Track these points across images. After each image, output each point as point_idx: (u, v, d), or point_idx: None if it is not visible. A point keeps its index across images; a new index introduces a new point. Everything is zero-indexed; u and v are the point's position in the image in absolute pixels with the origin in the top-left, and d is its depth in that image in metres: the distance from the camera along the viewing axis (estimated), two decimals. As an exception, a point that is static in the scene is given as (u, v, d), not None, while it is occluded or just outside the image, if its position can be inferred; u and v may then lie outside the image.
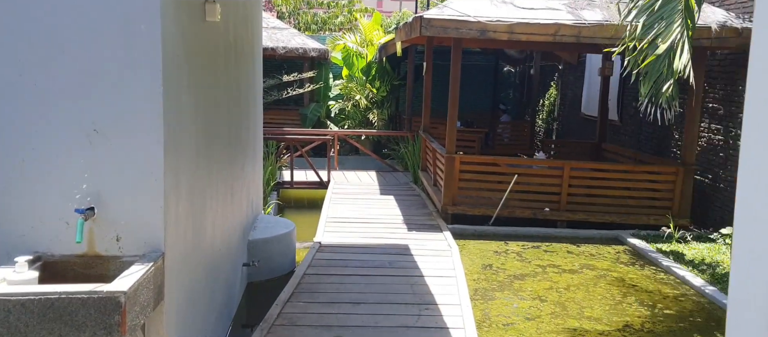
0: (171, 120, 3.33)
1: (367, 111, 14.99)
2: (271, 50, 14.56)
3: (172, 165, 3.35)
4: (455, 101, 8.39)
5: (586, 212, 8.28)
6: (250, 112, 6.51)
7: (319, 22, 19.14)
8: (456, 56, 8.28)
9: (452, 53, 8.30)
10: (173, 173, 3.39)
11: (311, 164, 11.81)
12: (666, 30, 5.55)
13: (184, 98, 3.67)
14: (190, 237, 3.81)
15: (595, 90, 12.26)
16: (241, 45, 5.81)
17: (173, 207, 3.39)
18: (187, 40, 3.75)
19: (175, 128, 3.42)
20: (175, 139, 3.45)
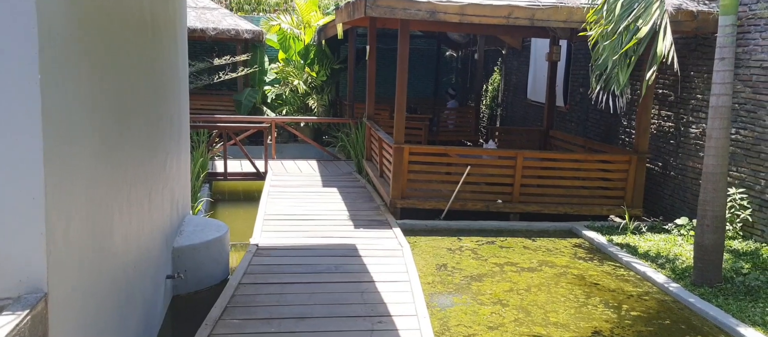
0: (55, 117, 2.51)
1: (306, 97, 14.15)
2: (200, 31, 13.45)
3: (57, 177, 2.53)
4: (403, 87, 7.75)
5: (539, 203, 7.87)
6: (173, 99, 5.64)
7: (253, 2, 18.01)
8: (403, 39, 7.62)
9: (399, 36, 7.64)
10: (60, 186, 2.58)
11: (246, 154, 10.92)
12: (645, 12, 5.08)
13: (76, 87, 2.84)
14: (88, 264, 3.00)
15: (541, 75, 11.93)
16: (158, 22, 4.93)
17: (61, 231, 2.58)
18: (80, 13, 2.90)
19: (61, 127, 2.60)
20: (63, 143, 2.62)
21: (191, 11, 14.09)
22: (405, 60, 7.67)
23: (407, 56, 7.69)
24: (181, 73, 6.15)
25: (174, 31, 5.75)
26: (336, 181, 10.14)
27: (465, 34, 13.76)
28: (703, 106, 7.50)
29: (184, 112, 6.27)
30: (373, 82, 10.11)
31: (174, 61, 5.74)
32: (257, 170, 10.90)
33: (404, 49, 7.65)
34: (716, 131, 5.53)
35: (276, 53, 15.04)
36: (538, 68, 12.09)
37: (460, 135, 13.69)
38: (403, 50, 7.65)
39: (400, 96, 7.76)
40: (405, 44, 7.65)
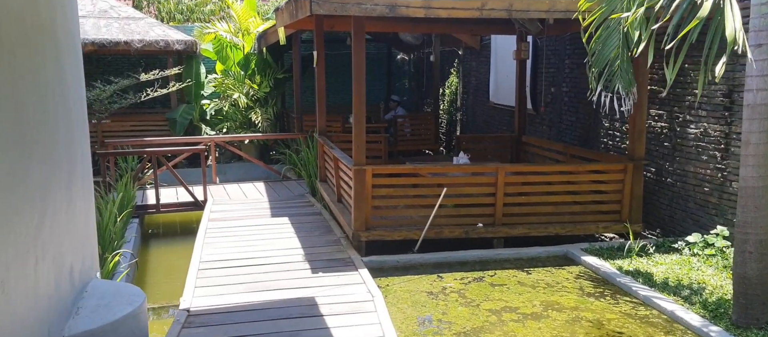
0: None
1: (249, 110, 12.53)
2: (124, 44, 11.66)
3: None
4: (361, 99, 6.33)
5: (525, 224, 6.60)
6: (55, 132, 4.03)
7: (186, 12, 16.19)
8: (358, 41, 6.21)
9: (353, 37, 6.22)
10: None
11: (181, 181, 9.24)
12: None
13: None
14: None
15: (504, 76, 10.76)
16: (21, 33, 3.34)
17: None
18: None
19: None
20: None
21: (113, 22, 12.26)
22: (361, 66, 6.26)
23: (364, 61, 6.27)
24: (71, 98, 4.53)
25: (54, 45, 4.14)
26: (287, 207, 8.61)
27: (418, 35, 12.48)
28: (703, 103, 6.42)
29: (77, 147, 4.65)
30: (322, 93, 8.64)
31: (56, 83, 4.13)
32: (195, 199, 9.25)
33: (360, 52, 6.23)
34: (755, 135, 4.37)
35: (213, 64, 13.36)
36: (500, 68, 10.92)
37: (419, 144, 12.39)
38: (359, 54, 6.23)
39: (357, 109, 6.34)
40: (360, 47, 6.23)
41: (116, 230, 6.90)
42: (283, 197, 9.48)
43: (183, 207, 9.31)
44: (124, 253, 6.62)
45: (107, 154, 8.89)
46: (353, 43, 6.23)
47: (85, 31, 11.72)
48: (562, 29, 8.40)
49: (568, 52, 9.02)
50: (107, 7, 12.58)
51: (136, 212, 8.90)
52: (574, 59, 8.87)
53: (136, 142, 10.45)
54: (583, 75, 8.57)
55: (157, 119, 12.76)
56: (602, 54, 5.58)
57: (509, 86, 10.52)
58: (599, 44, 5.61)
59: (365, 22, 6.20)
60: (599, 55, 5.59)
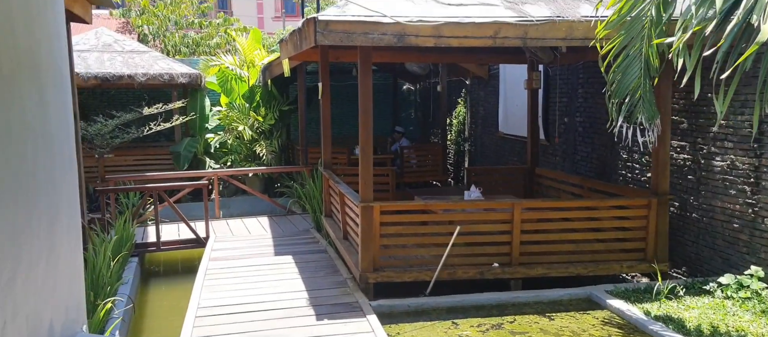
0: None
1: (254, 143, 12.19)
2: (128, 78, 11.41)
3: None
4: (368, 131, 5.96)
5: (544, 264, 6.15)
6: (34, 170, 3.65)
7: (191, 45, 16.00)
8: (365, 71, 5.87)
9: (360, 68, 5.88)
10: None
11: (182, 217, 8.86)
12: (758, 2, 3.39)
13: None
14: None
15: (513, 106, 10.40)
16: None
17: None
18: None
19: None
20: None
21: (117, 56, 12.04)
22: (368, 97, 5.90)
23: (371, 92, 5.92)
24: (56, 134, 4.18)
25: (35, 78, 3.80)
26: (291, 244, 8.19)
27: (425, 65, 12.18)
28: (729, 134, 6.01)
29: (62, 188, 4.28)
30: (328, 125, 8.29)
31: (37, 118, 3.77)
32: (197, 236, 8.84)
33: (367, 83, 5.89)
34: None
35: (218, 97, 13.09)
36: (509, 98, 10.57)
37: (427, 175, 11.99)
38: (366, 85, 5.88)
39: (364, 141, 5.96)
40: (367, 78, 5.89)
41: (112, 273, 6.48)
42: (287, 233, 9.06)
43: (184, 245, 8.90)
44: (120, 298, 6.19)
45: (106, 191, 8.54)
46: (360, 74, 5.89)
47: (88, 65, 11.50)
48: (576, 58, 8.06)
49: (581, 81, 8.66)
50: (111, 41, 12.39)
51: (135, 251, 8.50)
52: (588, 88, 8.51)
53: (138, 177, 10.11)
54: (598, 104, 8.20)
55: (161, 153, 12.45)
56: (622, 83, 5.19)
57: (519, 116, 10.16)
58: (619, 73, 5.24)
59: (372, 52, 5.86)
60: (619, 84, 5.21)
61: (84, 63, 11.56)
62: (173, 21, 15.85)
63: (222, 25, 16.17)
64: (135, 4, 15.61)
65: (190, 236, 8.91)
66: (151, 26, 15.62)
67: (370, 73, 5.90)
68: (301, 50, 6.42)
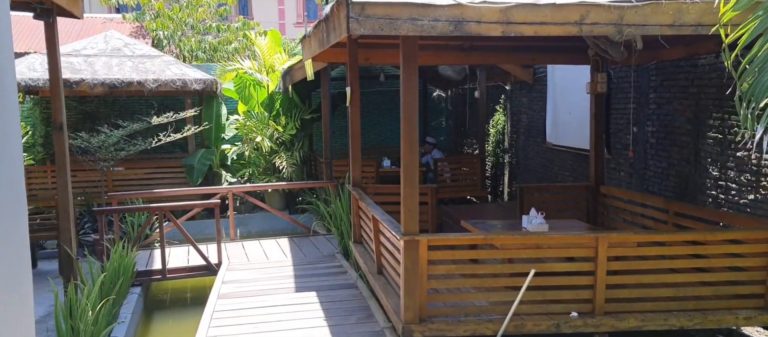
0: None
1: (273, 155, 10.94)
2: (137, 84, 10.23)
3: None
4: (413, 146, 4.62)
5: (637, 314, 4.72)
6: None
7: (208, 50, 14.84)
8: (409, 70, 4.52)
9: (403, 66, 4.53)
10: None
11: (192, 242, 7.60)
12: None
13: None
14: None
15: (564, 113, 8.98)
16: None
17: None
18: None
19: None
20: None
21: (126, 61, 10.89)
22: (413, 105, 4.57)
23: (416, 98, 4.59)
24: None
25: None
26: (315, 275, 6.86)
27: (460, 68, 10.83)
28: None
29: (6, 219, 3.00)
30: (357, 137, 6.96)
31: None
32: (207, 263, 7.57)
33: (411, 87, 4.55)
34: None
35: (236, 105, 11.89)
36: (560, 104, 9.15)
37: (463, 190, 10.60)
38: (410, 90, 4.55)
39: (408, 160, 4.61)
40: (412, 79, 4.55)
41: (100, 317, 5.22)
42: (310, 259, 7.75)
43: (193, 272, 7.64)
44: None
45: (104, 212, 7.31)
46: (403, 75, 4.54)
47: (95, 71, 10.37)
48: (648, 57, 6.64)
49: (653, 85, 7.22)
50: (121, 44, 11.26)
51: (138, 279, 7.27)
52: (662, 93, 7.07)
53: (144, 194, 8.89)
54: (676, 111, 6.76)
55: (174, 166, 11.26)
56: (761, 83, 3.78)
57: (573, 125, 8.73)
58: (754, 69, 3.83)
59: (418, 45, 4.52)
60: (756, 84, 3.80)
61: (91, 68, 10.44)
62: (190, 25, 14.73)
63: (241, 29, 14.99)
64: (149, 7, 14.53)
65: (200, 261, 7.64)
66: (166, 31, 14.51)
67: (416, 72, 4.55)
68: (328, 45, 5.12)
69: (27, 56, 10.85)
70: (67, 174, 5.94)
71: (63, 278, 5.93)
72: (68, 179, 5.95)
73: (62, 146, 5.91)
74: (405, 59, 4.49)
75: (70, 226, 5.91)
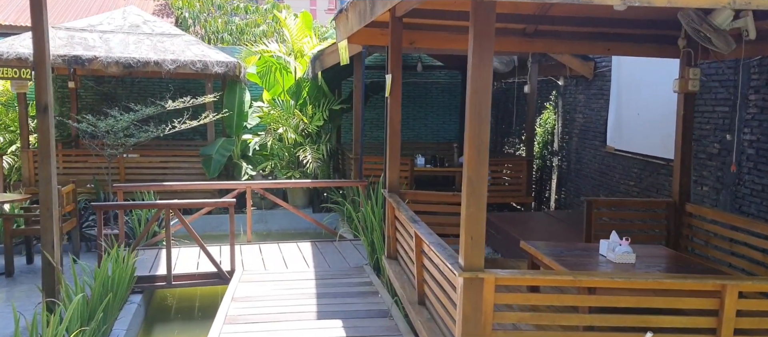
0: None
1: (298, 147, 9.79)
2: (154, 65, 9.16)
3: None
4: (481, 151, 3.37)
5: (775, 390, 3.41)
6: None
7: (235, 32, 13.74)
8: (482, 48, 3.27)
9: (474, 43, 3.28)
10: None
11: (203, 246, 6.49)
12: None
13: None
14: None
15: (631, 114, 7.63)
16: None
17: None
18: None
19: None
20: None
21: (144, 39, 9.83)
22: (485, 95, 3.32)
23: (490, 85, 3.33)
24: None
25: None
26: (341, 295, 5.68)
27: (509, 60, 9.51)
28: None
29: None
30: (397, 134, 5.74)
31: None
32: (219, 270, 6.47)
33: (484, 70, 3.30)
34: None
35: (261, 91, 10.77)
36: (625, 103, 7.79)
37: (506, 195, 9.31)
38: (483, 73, 3.30)
39: (474, 171, 3.36)
40: (485, 59, 3.30)
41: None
42: (335, 271, 6.59)
43: (202, 280, 6.53)
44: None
45: (102, 208, 6.23)
46: (472, 57, 3.29)
47: (109, 49, 9.32)
48: (758, 50, 5.27)
49: (755, 84, 5.83)
50: (139, 21, 10.20)
51: (139, 286, 6.20)
52: (766, 94, 5.68)
53: (154, 187, 7.82)
54: (791, 118, 5.38)
55: (192, 155, 10.19)
56: None
57: (644, 128, 7.38)
58: None
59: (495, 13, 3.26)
60: None
61: (105, 45, 9.40)
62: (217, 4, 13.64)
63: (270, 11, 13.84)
64: (175, -17, 13.52)
65: (210, 268, 6.54)
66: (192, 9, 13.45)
67: (491, 53, 3.30)
68: (371, 19, 3.90)
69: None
70: (52, 165, 4.85)
71: (43, 291, 4.86)
72: (53, 170, 4.87)
73: (46, 132, 4.81)
74: (477, 34, 3.24)
75: (52, 226, 4.83)
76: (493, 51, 3.32)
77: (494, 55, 9.23)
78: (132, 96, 11.06)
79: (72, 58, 8.94)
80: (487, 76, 3.30)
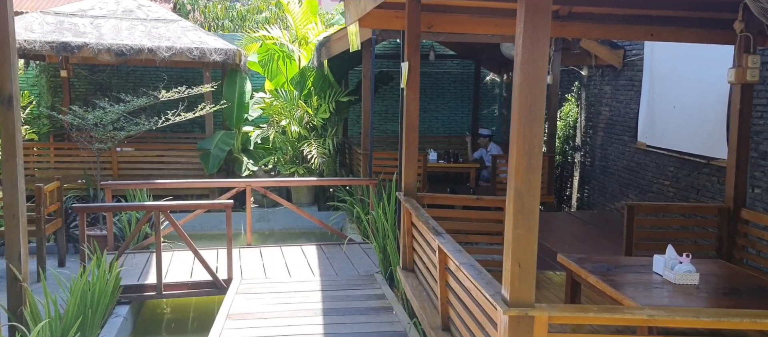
0: None
1: (302, 141, 9.07)
2: (148, 52, 8.42)
3: None
4: (533, 155, 2.62)
5: None
6: None
7: (236, 19, 12.97)
8: (537, 23, 2.51)
9: (523, 16, 2.53)
10: None
11: (196, 252, 5.78)
12: None
13: None
14: None
15: (666, 107, 6.87)
16: None
17: None
18: None
19: None
20: None
21: (138, 24, 9.09)
22: (540, 85, 2.57)
23: (545, 71, 2.58)
24: None
25: None
26: (350, 311, 4.97)
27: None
28: None
29: None
30: (414, 130, 4.99)
31: None
32: (214, 278, 5.77)
33: (539, 52, 2.54)
34: None
35: (264, 81, 10.03)
36: (659, 95, 7.02)
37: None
38: (537, 58, 2.54)
39: (524, 182, 2.62)
40: (542, 36, 2.54)
41: None
42: (343, 280, 5.88)
43: (196, 290, 5.83)
44: None
45: (84, 210, 5.51)
46: (522, 34, 2.54)
47: (101, 35, 8.59)
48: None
49: (822, 74, 5.06)
50: (133, 6, 9.45)
51: (125, 296, 5.51)
52: (838, 85, 4.91)
53: (146, 184, 7.10)
54: None
55: (190, 149, 9.47)
56: None
57: (682, 122, 6.62)
58: None
59: None
60: None
61: (97, 32, 8.66)
62: (216, -11, 12.88)
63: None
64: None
65: (204, 276, 5.84)
66: (191, -6, 12.68)
67: (547, 31, 2.55)
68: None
69: (25, 15, 9.14)
70: (18, 165, 4.13)
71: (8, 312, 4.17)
72: (19, 171, 4.15)
73: (11, 127, 4.10)
74: (530, 7, 2.48)
75: (18, 236, 4.12)
76: (549, 30, 2.57)
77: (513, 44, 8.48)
78: (128, 86, 10.34)
79: (60, 44, 8.21)
80: (542, 62, 2.55)
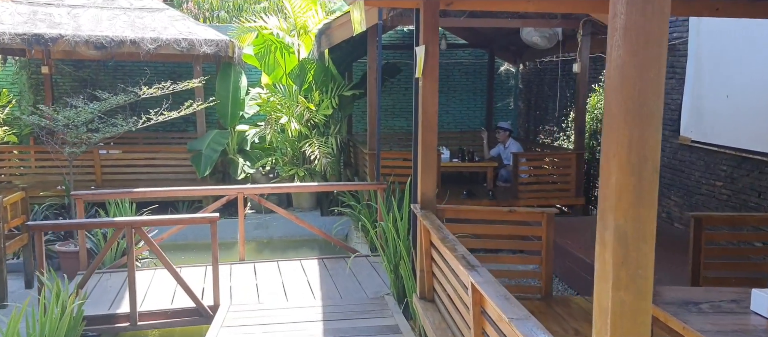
0: None
1: (303, 140, 8.11)
2: (131, 44, 7.48)
3: None
4: (642, 173, 1.64)
5: None
6: None
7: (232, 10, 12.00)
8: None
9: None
10: None
11: (178, 276, 4.85)
12: None
13: None
14: None
15: (718, 97, 5.86)
16: None
17: None
18: None
19: None
20: None
21: (120, 14, 8.15)
22: (657, 60, 1.59)
23: (665, 49, 1.60)
24: None
25: None
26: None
27: (551, 33, 7.72)
28: None
29: None
30: (432, 131, 4.02)
31: None
32: (198, 305, 4.84)
33: (658, 22, 1.56)
34: None
35: (260, 75, 9.08)
36: (709, 84, 6.01)
37: (551, 196, 7.57)
38: (656, 27, 1.56)
39: (631, 217, 1.64)
40: None
41: None
42: (349, 304, 4.95)
43: (176, 319, 4.91)
44: None
45: (41, 229, 4.58)
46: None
47: (78, 26, 7.65)
48: None
49: None
50: (116, -6, 8.49)
51: (92, 329, 4.60)
52: None
53: (126, 194, 6.17)
54: None
55: (183, 150, 8.53)
56: None
57: (736, 115, 5.61)
58: None
59: None
60: None
61: (74, 22, 7.72)
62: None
63: (271, -14, 12.10)
64: (162, -44, 11.79)
65: (187, 303, 4.92)
66: (183, -16, 11.73)
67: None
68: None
69: (-5, 6, 8.19)
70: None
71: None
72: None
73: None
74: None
75: None
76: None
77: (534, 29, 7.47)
78: (115, 82, 9.40)
79: (33, 36, 7.28)
80: (661, 28, 1.59)
